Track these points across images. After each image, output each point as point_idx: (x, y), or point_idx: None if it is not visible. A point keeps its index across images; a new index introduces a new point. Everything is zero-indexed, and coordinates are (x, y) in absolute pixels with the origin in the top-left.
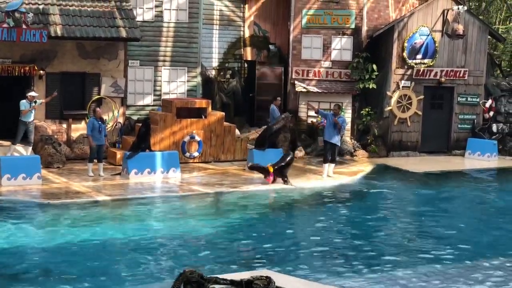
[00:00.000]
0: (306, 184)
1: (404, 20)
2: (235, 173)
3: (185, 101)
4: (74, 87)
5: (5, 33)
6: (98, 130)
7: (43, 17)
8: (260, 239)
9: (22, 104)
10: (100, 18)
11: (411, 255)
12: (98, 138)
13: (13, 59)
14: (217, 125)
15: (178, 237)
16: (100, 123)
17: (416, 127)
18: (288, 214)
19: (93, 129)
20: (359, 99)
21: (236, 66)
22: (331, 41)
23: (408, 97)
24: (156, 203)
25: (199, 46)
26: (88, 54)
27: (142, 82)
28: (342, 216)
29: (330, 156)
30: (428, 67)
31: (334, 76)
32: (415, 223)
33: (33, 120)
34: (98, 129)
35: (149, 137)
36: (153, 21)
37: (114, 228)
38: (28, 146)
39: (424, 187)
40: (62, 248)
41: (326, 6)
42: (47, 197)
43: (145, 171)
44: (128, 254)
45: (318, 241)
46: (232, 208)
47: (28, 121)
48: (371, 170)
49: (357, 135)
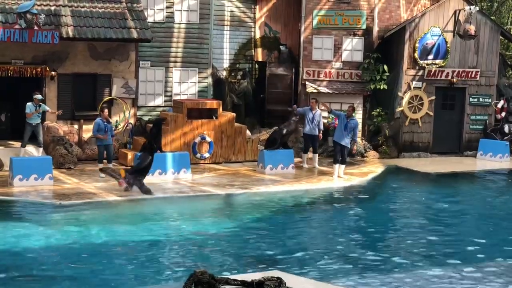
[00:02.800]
0: (316, 185)
1: (415, 20)
2: (246, 174)
3: (196, 102)
4: (86, 88)
5: (17, 34)
6: (104, 131)
7: (55, 18)
8: (271, 240)
9: (28, 107)
10: (112, 19)
11: (422, 257)
12: (103, 139)
13: (25, 60)
14: (228, 126)
15: (189, 237)
16: (106, 123)
17: (428, 128)
18: (299, 215)
19: (99, 130)
20: (370, 100)
21: (247, 67)
22: (342, 41)
23: (420, 97)
24: (167, 204)
25: (210, 47)
26: (99, 55)
27: (153, 83)
28: (352, 217)
29: (340, 157)
30: (439, 67)
31: (345, 77)
32: (427, 224)
33: (39, 123)
34: (104, 129)
35: (160, 138)
36: (164, 22)
37: (124, 229)
38: (39, 147)
39: (436, 188)
40: (73, 249)
41: (337, 6)
42: (59, 197)
43: (156, 172)
44: (139, 254)
45: (328, 242)
46: (243, 209)
47: (34, 124)
48: (382, 171)
49: (368, 136)
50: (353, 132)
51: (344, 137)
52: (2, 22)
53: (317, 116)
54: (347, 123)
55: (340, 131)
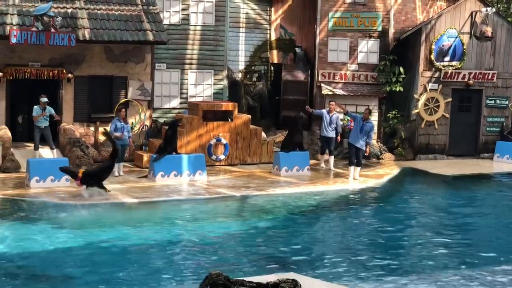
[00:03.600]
0: (332, 187)
1: (431, 22)
2: (261, 175)
3: (211, 104)
4: (102, 90)
5: (34, 37)
6: (120, 131)
7: (72, 21)
8: (286, 242)
9: (34, 110)
10: (128, 22)
11: (438, 261)
12: (121, 138)
13: (42, 63)
14: (243, 128)
15: (204, 239)
16: (123, 123)
17: (444, 130)
18: (314, 217)
19: (116, 130)
20: (386, 102)
21: (262, 69)
22: (357, 43)
23: (436, 99)
24: (182, 206)
25: (225, 49)
26: (115, 57)
27: (169, 85)
28: (367, 220)
29: (356, 159)
30: (456, 69)
31: (361, 79)
32: (443, 227)
33: (47, 126)
34: (121, 129)
35: (176, 139)
36: (179, 24)
37: (140, 231)
38: (52, 150)
39: (452, 190)
40: (89, 250)
41: (353, 8)
42: (75, 199)
43: (172, 174)
44: (154, 256)
45: (344, 245)
46: (258, 211)
47: (41, 126)
48: (398, 173)
49: (384, 138)
50: (368, 135)
51: (360, 139)
52: (19, 24)
53: (335, 119)
54: (363, 126)
55: (356, 133)
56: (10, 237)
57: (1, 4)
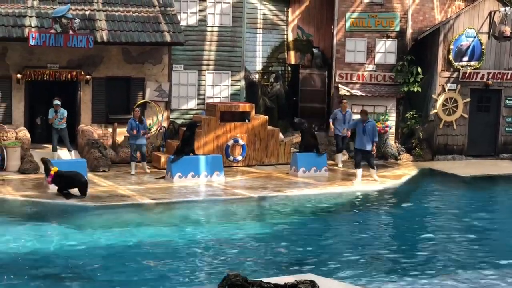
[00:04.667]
0: (349, 188)
1: (450, 22)
2: (279, 176)
3: (228, 105)
4: (119, 92)
5: (52, 39)
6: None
7: (89, 22)
8: (304, 243)
9: (50, 113)
10: (145, 23)
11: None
12: (137, 138)
13: (60, 65)
14: (260, 128)
15: (222, 240)
16: (138, 123)
17: (462, 131)
18: (332, 218)
19: (132, 129)
20: (404, 103)
21: (280, 69)
22: (375, 44)
23: (454, 100)
24: (200, 207)
25: (242, 50)
26: (133, 58)
27: (186, 86)
28: (386, 221)
29: (365, 162)
30: (474, 69)
31: (378, 79)
32: (462, 228)
33: (64, 128)
34: (136, 129)
35: (194, 141)
36: (197, 25)
37: (158, 232)
38: (69, 151)
39: (471, 191)
40: (107, 250)
41: (370, 9)
42: (93, 200)
43: (189, 175)
44: (172, 257)
45: (362, 245)
46: (275, 212)
47: (58, 128)
48: (416, 173)
49: (402, 139)
50: (373, 134)
51: (366, 142)
52: (37, 26)
53: (348, 116)
54: (364, 128)
55: (360, 137)
56: (29, 238)
57: (19, 7)
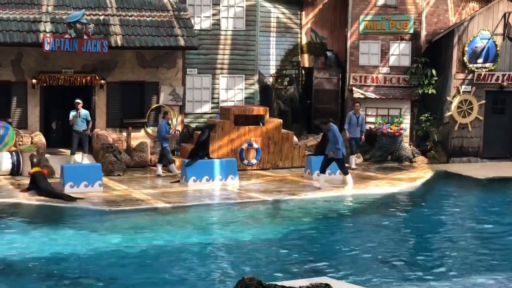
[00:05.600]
0: (364, 190)
1: (464, 24)
2: (293, 180)
3: (243, 108)
4: (134, 96)
5: (67, 44)
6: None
7: (104, 27)
8: (318, 246)
9: (71, 113)
10: (159, 28)
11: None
12: (168, 140)
13: (75, 69)
14: (275, 132)
15: (237, 244)
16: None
17: (478, 133)
18: (347, 221)
19: (167, 131)
20: (418, 105)
21: (294, 73)
22: (389, 46)
23: (469, 102)
24: (215, 210)
25: (256, 53)
26: (147, 63)
27: (200, 90)
28: (400, 223)
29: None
30: (489, 71)
31: (392, 82)
32: (478, 231)
33: (85, 129)
34: (169, 132)
35: (208, 144)
36: (210, 29)
37: (173, 235)
38: (84, 154)
39: (487, 193)
40: (123, 254)
41: (384, 11)
42: (108, 204)
43: (204, 179)
44: (187, 260)
45: (377, 248)
46: (290, 215)
47: (80, 130)
48: (431, 176)
49: (417, 141)
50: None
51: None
52: (52, 32)
53: (361, 119)
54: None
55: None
56: (46, 242)
57: (34, 12)
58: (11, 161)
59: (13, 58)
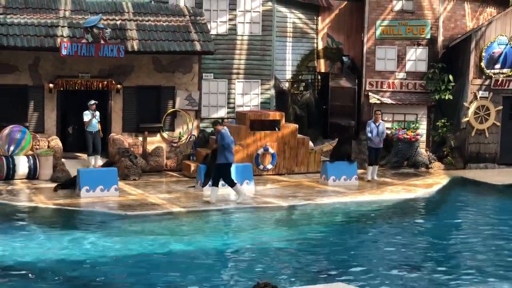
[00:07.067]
0: (380, 196)
1: (481, 29)
2: (309, 185)
3: (258, 113)
4: (150, 101)
5: (84, 49)
6: None
7: (120, 32)
8: (333, 251)
9: (85, 115)
10: (175, 32)
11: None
12: None
13: (92, 74)
14: (290, 137)
15: (252, 248)
16: None
17: (495, 139)
18: (362, 227)
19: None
20: (435, 111)
21: (310, 78)
22: (405, 52)
23: (486, 107)
24: (230, 215)
25: (272, 58)
26: (163, 67)
27: (216, 94)
28: (416, 230)
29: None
30: (507, 76)
31: (409, 87)
32: (495, 238)
33: (98, 131)
34: None
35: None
36: (227, 34)
37: (188, 240)
38: (98, 155)
39: (504, 200)
40: (138, 258)
41: (401, 16)
42: (124, 208)
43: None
44: (202, 265)
45: (392, 254)
46: (305, 220)
47: (93, 132)
48: (448, 182)
49: (433, 147)
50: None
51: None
52: (69, 36)
53: (382, 128)
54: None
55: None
56: (61, 247)
57: (52, 17)
58: (27, 165)
59: (31, 62)
